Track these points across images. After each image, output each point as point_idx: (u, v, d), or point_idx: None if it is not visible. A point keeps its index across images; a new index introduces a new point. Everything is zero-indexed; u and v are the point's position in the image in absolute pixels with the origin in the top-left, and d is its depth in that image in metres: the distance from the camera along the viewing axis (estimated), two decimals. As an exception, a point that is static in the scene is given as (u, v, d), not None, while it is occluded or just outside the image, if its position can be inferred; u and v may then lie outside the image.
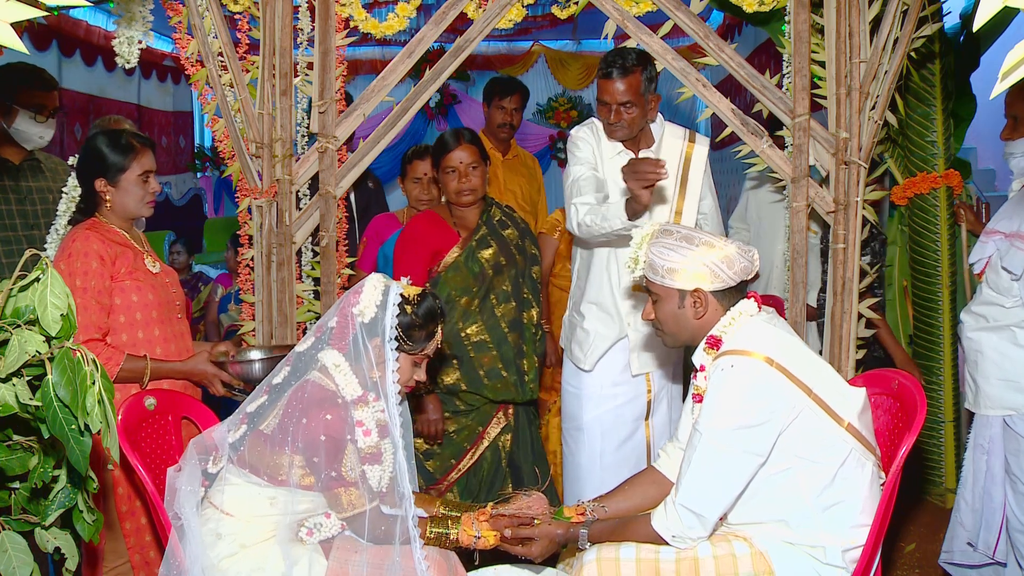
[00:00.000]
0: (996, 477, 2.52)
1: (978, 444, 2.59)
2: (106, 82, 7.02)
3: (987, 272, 2.54)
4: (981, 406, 2.56)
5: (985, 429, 2.56)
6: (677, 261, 1.91)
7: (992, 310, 2.52)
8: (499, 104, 3.97)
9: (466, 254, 2.76)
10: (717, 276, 1.90)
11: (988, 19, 0.94)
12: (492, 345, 2.75)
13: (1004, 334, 2.49)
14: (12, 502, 1.38)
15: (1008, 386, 2.48)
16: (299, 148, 2.99)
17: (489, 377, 2.74)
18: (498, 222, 2.87)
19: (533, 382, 2.81)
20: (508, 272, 2.81)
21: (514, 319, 2.79)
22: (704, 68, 3.21)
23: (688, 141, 2.80)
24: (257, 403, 2.00)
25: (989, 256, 2.53)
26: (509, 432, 2.85)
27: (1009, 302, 2.46)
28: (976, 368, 2.57)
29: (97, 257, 2.26)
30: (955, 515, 2.69)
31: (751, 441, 1.82)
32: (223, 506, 1.94)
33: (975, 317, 2.58)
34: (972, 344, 2.58)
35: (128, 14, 2.77)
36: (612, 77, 2.60)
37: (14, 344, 1.20)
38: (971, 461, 2.63)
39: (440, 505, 2.17)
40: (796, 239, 2.88)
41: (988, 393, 2.52)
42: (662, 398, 2.89)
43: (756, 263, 1.95)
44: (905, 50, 2.71)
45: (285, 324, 2.96)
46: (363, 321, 1.96)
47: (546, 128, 9.28)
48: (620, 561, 1.91)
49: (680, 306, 1.96)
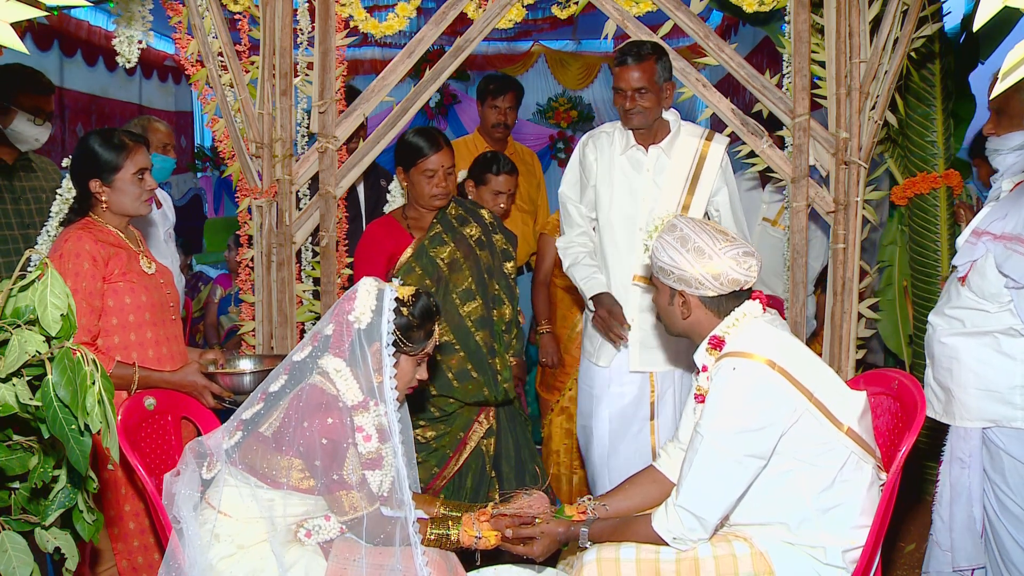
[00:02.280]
0: (975, 494, 2.36)
1: (956, 458, 2.39)
2: (107, 82, 7.02)
3: (971, 275, 2.33)
4: (956, 417, 2.36)
5: (963, 442, 2.37)
6: (666, 261, 1.91)
7: (971, 315, 2.33)
8: (492, 104, 3.92)
9: (417, 253, 2.69)
10: (702, 284, 1.88)
11: (988, 19, 0.94)
12: (458, 346, 2.65)
13: (985, 340, 2.30)
14: (12, 502, 1.38)
15: (988, 396, 2.29)
16: (299, 148, 2.99)
17: (458, 379, 2.64)
18: (456, 217, 2.78)
19: (507, 381, 2.71)
20: (469, 269, 2.71)
21: (481, 317, 2.69)
22: (704, 68, 3.22)
23: (705, 140, 2.75)
24: (253, 410, 1.99)
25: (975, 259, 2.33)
26: (492, 436, 2.76)
27: (993, 307, 2.28)
28: (950, 376, 2.36)
29: (89, 258, 2.22)
30: (932, 534, 2.50)
31: (752, 444, 1.82)
32: (220, 507, 1.94)
33: (948, 321, 2.38)
34: (945, 350, 2.37)
35: (127, 14, 2.77)
36: (627, 64, 2.61)
37: (14, 344, 1.20)
38: (947, 475, 2.43)
39: (440, 505, 2.17)
40: (796, 239, 2.88)
41: (965, 403, 2.33)
42: (667, 400, 2.86)
43: (752, 274, 1.89)
44: (905, 50, 2.71)
45: (285, 324, 2.96)
46: (360, 327, 1.95)
47: (546, 128, 9.28)
48: (620, 561, 1.91)
49: (670, 303, 1.97)
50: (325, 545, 1.97)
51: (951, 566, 2.44)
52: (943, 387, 2.41)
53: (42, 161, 3.15)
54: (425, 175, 2.67)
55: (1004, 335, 2.27)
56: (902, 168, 3.43)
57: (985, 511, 2.38)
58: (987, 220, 2.33)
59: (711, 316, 1.94)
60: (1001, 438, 2.29)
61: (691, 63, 2.91)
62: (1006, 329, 2.27)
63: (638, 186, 2.75)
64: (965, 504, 2.39)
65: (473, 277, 2.71)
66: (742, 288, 1.90)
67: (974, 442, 2.36)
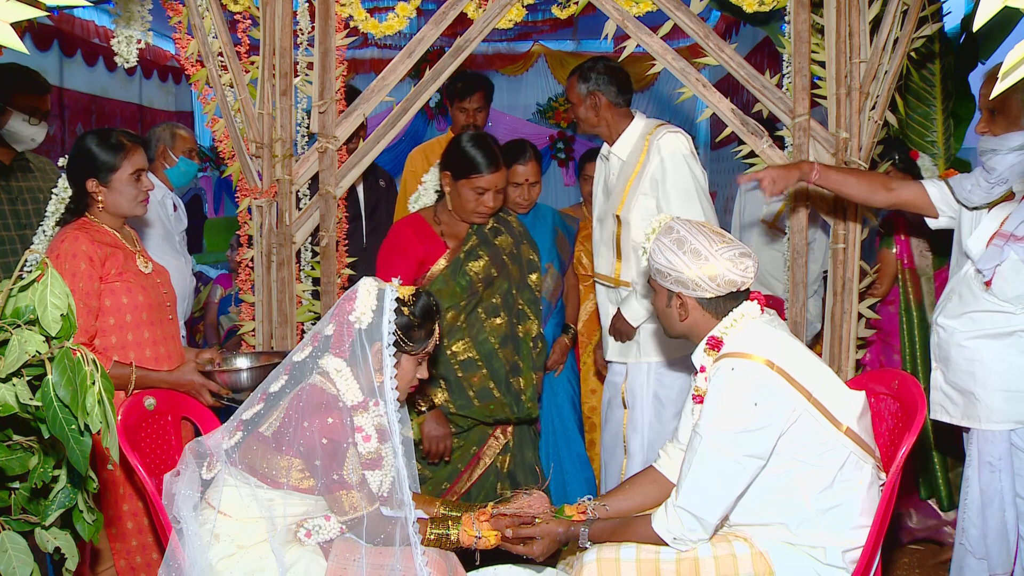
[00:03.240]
0: (1008, 497, 2.34)
1: (985, 462, 2.36)
2: (107, 82, 7.02)
3: (995, 278, 2.32)
4: (982, 420, 2.35)
5: (990, 445, 2.35)
6: (663, 263, 1.91)
7: (993, 317, 2.33)
8: (460, 106, 3.69)
9: (452, 267, 2.58)
10: (699, 287, 1.89)
11: (988, 19, 0.94)
12: (481, 363, 2.57)
13: (1009, 341, 2.31)
14: (12, 502, 1.38)
15: (1014, 397, 2.29)
16: (299, 148, 2.99)
17: (480, 398, 2.57)
18: (491, 230, 2.68)
19: (531, 400, 2.64)
20: (500, 284, 2.63)
21: (506, 334, 2.61)
22: (704, 68, 3.21)
23: (647, 135, 2.79)
24: (253, 411, 1.99)
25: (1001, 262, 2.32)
26: (508, 452, 2.70)
27: (1018, 308, 2.29)
28: (973, 379, 2.35)
29: (86, 258, 2.21)
30: (962, 543, 2.44)
31: (751, 445, 1.82)
32: (220, 506, 1.94)
33: (966, 323, 2.38)
34: (965, 352, 2.37)
35: (127, 13, 2.77)
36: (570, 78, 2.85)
37: (14, 344, 1.20)
38: (976, 481, 2.39)
39: (440, 505, 2.17)
40: (796, 239, 2.88)
41: (991, 406, 2.32)
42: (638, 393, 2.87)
43: (749, 275, 1.89)
44: (905, 50, 2.71)
45: (285, 324, 2.96)
46: (361, 327, 1.95)
47: (546, 128, 9.28)
48: (620, 561, 1.91)
49: (667, 304, 1.98)
50: (325, 545, 1.97)
51: (988, 573, 2.40)
52: (961, 390, 2.40)
53: (40, 161, 3.15)
54: (475, 191, 2.54)
55: None
56: (902, 168, 3.43)
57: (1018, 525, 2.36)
58: (1012, 223, 2.32)
59: (709, 317, 1.94)
60: None
61: (691, 63, 2.91)
62: None
63: (599, 187, 3.00)
64: (997, 509, 2.37)
65: (501, 292, 2.64)
66: (739, 289, 1.90)
67: (1002, 445, 2.35)
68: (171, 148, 3.43)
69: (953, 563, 2.50)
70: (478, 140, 2.58)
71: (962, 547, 2.45)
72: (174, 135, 3.46)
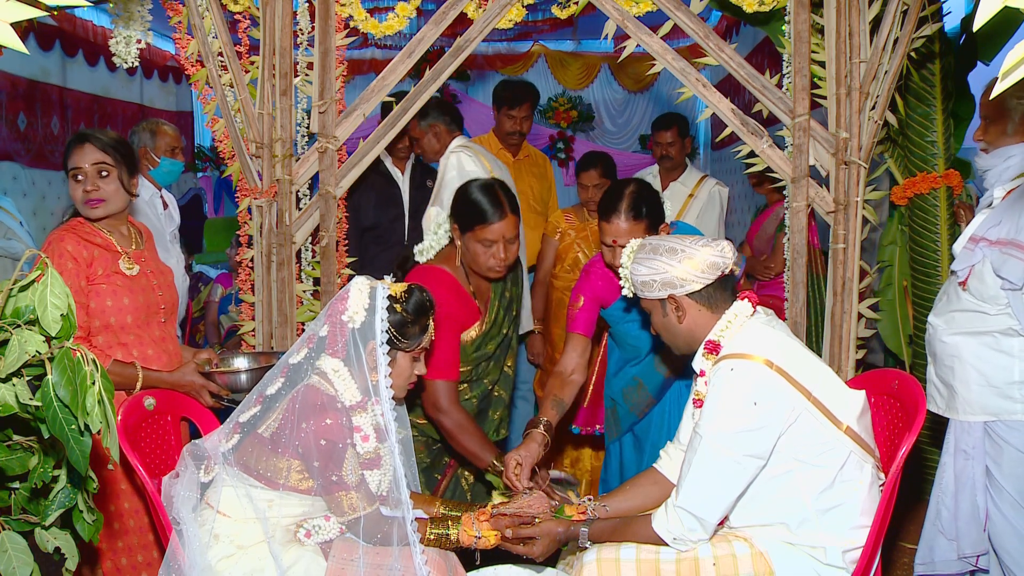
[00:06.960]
0: (979, 483, 2.47)
1: (960, 449, 2.50)
2: (109, 82, 7.04)
3: (970, 280, 2.44)
4: (960, 411, 2.48)
5: (966, 435, 2.49)
6: (644, 273, 1.95)
7: (971, 316, 2.44)
8: (508, 113, 3.99)
9: (479, 340, 2.56)
10: (686, 280, 1.91)
11: (988, 19, 0.94)
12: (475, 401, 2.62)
13: (985, 339, 2.41)
14: (12, 502, 1.38)
15: (989, 391, 2.41)
16: (299, 148, 2.99)
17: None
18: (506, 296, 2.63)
19: (505, 428, 2.75)
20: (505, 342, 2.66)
21: (496, 377, 2.68)
22: (704, 68, 3.21)
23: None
24: (250, 413, 1.99)
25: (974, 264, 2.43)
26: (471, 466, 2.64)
27: (993, 309, 2.39)
28: (952, 373, 2.48)
29: (71, 258, 2.23)
30: (934, 523, 2.57)
31: (751, 444, 1.82)
32: (219, 507, 1.94)
33: (948, 321, 2.50)
34: (947, 348, 2.49)
35: (126, 13, 2.77)
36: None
37: (14, 344, 1.20)
38: (951, 467, 2.53)
39: (440, 505, 2.17)
40: (796, 239, 2.88)
41: (968, 399, 2.45)
42: None
43: (728, 255, 1.92)
44: (905, 50, 2.71)
45: (285, 324, 2.96)
46: (354, 327, 1.95)
47: (546, 128, 9.28)
48: (620, 561, 1.91)
49: (664, 315, 1.98)
50: (324, 545, 1.97)
51: (956, 554, 2.52)
52: (945, 383, 2.53)
53: None
54: (482, 244, 2.38)
55: (1003, 335, 2.39)
56: (902, 168, 3.43)
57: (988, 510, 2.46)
58: (983, 227, 2.44)
59: (705, 312, 1.95)
60: (1003, 431, 2.41)
61: (691, 63, 2.91)
62: (1005, 329, 2.39)
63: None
64: (969, 494, 2.49)
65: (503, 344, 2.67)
66: (724, 273, 1.93)
67: (977, 435, 2.47)
68: (152, 149, 3.38)
69: (922, 542, 2.61)
70: (485, 186, 2.45)
71: (934, 528, 2.57)
72: (155, 134, 3.39)
